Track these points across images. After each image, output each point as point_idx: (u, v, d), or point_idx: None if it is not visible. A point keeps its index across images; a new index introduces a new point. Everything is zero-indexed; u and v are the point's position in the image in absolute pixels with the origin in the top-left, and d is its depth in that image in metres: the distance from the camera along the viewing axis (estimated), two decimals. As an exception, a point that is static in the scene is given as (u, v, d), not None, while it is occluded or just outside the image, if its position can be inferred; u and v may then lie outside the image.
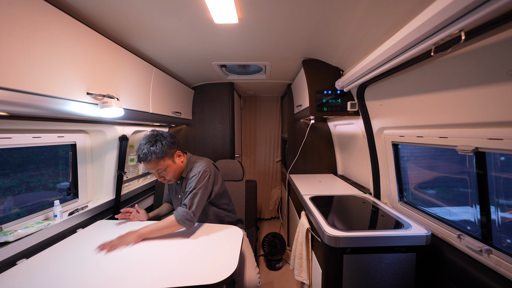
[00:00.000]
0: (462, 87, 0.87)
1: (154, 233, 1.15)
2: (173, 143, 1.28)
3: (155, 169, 1.24)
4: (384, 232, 1.11)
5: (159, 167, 1.24)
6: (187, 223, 1.17)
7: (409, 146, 1.38)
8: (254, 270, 1.31)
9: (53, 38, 0.85)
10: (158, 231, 1.15)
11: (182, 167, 1.35)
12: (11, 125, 1.00)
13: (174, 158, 1.29)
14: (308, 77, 1.72)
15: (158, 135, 1.26)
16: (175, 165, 1.30)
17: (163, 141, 1.24)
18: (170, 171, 1.28)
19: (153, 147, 1.21)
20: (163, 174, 1.28)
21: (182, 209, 1.18)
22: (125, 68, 1.31)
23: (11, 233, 1.03)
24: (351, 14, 1.04)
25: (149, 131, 1.29)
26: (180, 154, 1.34)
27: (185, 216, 1.17)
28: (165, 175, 1.28)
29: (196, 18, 1.12)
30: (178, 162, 1.31)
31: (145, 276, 0.88)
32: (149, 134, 1.28)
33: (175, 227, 1.17)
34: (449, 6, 0.64)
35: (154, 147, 1.21)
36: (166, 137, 1.27)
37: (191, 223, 1.18)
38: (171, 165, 1.27)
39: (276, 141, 3.36)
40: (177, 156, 1.31)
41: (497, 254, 0.87)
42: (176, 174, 1.32)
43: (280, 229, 2.99)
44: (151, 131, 1.29)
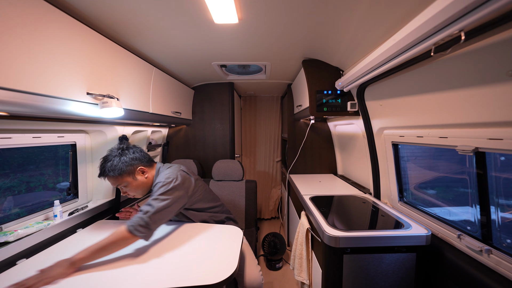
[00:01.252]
0: (462, 87, 0.87)
1: (96, 255, 0.93)
2: (133, 159, 1.20)
3: (115, 185, 1.20)
4: (384, 232, 1.11)
5: (117, 183, 1.19)
6: (140, 230, 1.00)
7: (409, 146, 1.38)
8: (255, 268, 1.31)
9: (53, 38, 0.85)
10: (101, 251, 0.94)
11: (147, 182, 1.25)
12: (11, 125, 1.00)
13: (134, 174, 1.20)
14: (308, 77, 1.72)
15: (118, 150, 1.20)
16: (136, 182, 1.21)
17: (122, 157, 1.17)
18: (132, 187, 1.21)
19: (109, 162, 1.15)
20: (124, 190, 1.22)
21: (136, 215, 1.04)
22: (125, 68, 1.31)
23: (11, 233, 1.03)
24: (351, 14, 1.04)
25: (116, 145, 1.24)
26: (144, 170, 1.24)
27: (138, 222, 1.01)
28: (127, 191, 1.22)
29: (196, 18, 1.12)
30: (140, 178, 1.22)
31: (145, 276, 0.88)
32: (114, 147, 1.23)
33: (125, 240, 0.98)
34: (449, 6, 0.64)
35: (110, 163, 1.15)
36: (126, 153, 1.20)
37: (147, 230, 1.02)
38: (130, 182, 1.20)
39: (276, 141, 3.36)
40: (139, 173, 1.22)
41: (497, 254, 0.87)
42: (139, 190, 1.24)
43: (280, 229, 2.99)
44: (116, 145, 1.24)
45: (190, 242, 1.13)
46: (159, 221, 1.07)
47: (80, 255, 0.91)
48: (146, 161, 1.27)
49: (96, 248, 0.93)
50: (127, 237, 0.99)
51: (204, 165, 2.52)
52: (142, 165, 1.24)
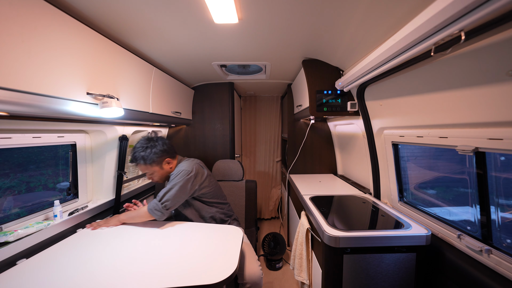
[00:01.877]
0: (462, 87, 0.87)
1: (130, 220, 1.31)
2: (163, 151, 1.38)
3: (143, 172, 1.41)
4: (384, 232, 1.11)
5: (146, 171, 1.39)
6: (155, 213, 1.27)
7: (409, 146, 1.38)
8: (255, 262, 1.32)
9: (53, 38, 0.85)
10: (132, 219, 1.31)
11: (169, 172, 1.44)
12: (11, 125, 1.00)
13: (162, 164, 1.39)
14: (308, 77, 1.72)
15: (151, 141, 1.37)
16: (162, 171, 1.41)
17: (153, 149, 1.35)
18: (157, 175, 1.41)
19: (143, 152, 1.34)
20: (150, 176, 1.41)
21: (153, 200, 1.30)
22: (125, 68, 1.31)
23: (11, 233, 1.03)
24: (351, 14, 1.04)
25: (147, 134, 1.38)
26: (170, 161, 1.43)
27: (154, 206, 1.27)
28: (152, 177, 1.42)
29: (196, 18, 1.12)
30: (166, 168, 1.42)
31: (145, 276, 0.88)
32: (145, 137, 1.40)
33: (145, 216, 1.29)
34: (449, 6, 0.64)
35: (144, 152, 1.34)
36: (157, 145, 1.37)
37: (160, 213, 1.27)
38: (157, 171, 1.39)
39: (276, 141, 3.36)
40: (165, 163, 1.41)
41: (497, 254, 0.87)
42: (162, 177, 1.44)
43: (280, 229, 2.99)
44: (148, 135, 1.39)
45: (190, 242, 1.13)
46: (170, 205, 1.29)
47: (123, 216, 1.32)
48: (172, 153, 1.46)
49: (130, 216, 1.32)
50: (147, 216, 1.29)
51: (204, 165, 2.51)
52: (169, 156, 1.42)
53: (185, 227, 1.30)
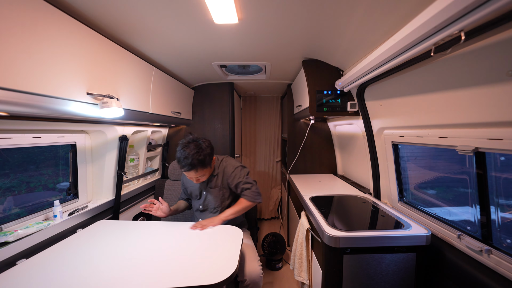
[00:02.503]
0: (462, 87, 0.87)
1: (232, 216, 1.38)
2: (212, 151, 1.39)
3: (197, 176, 1.34)
4: (384, 232, 1.11)
5: (202, 174, 1.35)
6: (258, 198, 1.43)
7: (409, 146, 1.38)
8: (256, 261, 1.32)
9: (53, 38, 0.85)
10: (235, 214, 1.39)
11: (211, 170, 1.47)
12: (11, 125, 1.00)
13: (210, 165, 1.40)
14: (308, 77, 1.72)
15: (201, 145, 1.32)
16: (210, 170, 1.43)
17: (206, 151, 1.32)
18: (206, 175, 1.40)
19: (201, 157, 1.28)
20: (199, 178, 1.37)
21: (248, 191, 1.42)
22: (125, 68, 1.30)
23: (11, 233, 1.03)
24: (351, 14, 1.04)
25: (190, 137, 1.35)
26: (214, 160, 1.45)
27: (254, 194, 1.42)
28: (201, 178, 1.38)
29: (196, 18, 1.12)
30: (212, 166, 1.45)
31: (145, 277, 0.88)
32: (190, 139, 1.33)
33: (250, 206, 1.43)
34: (449, 6, 0.64)
35: (202, 157, 1.28)
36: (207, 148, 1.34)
37: (259, 196, 1.44)
38: (208, 171, 1.40)
39: (276, 141, 3.36)
40: (212, 162, 1.42)
41: (497, 254, 0.87)
42: (208, 175, 1.44)
43: (280, 229, 2.98)
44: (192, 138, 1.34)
45: (190, 242, 1.13)
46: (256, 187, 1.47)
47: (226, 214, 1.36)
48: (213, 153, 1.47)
49: (233, 212, 1.38)
50: (251, 205, 1.43)
51: (204, 165, 2.51)
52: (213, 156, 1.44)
53: (185, 227, 1.30)
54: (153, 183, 2.13)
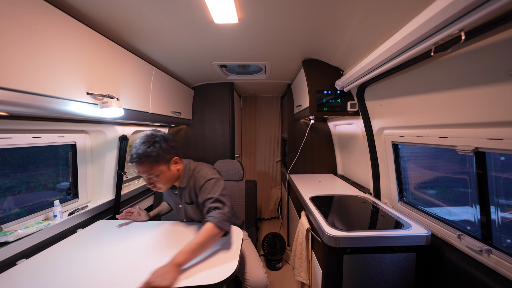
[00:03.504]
0: (462, 87, 0.87)
1: (196, 254, 0.97)
2: (172, 147, 1.16)
3: (147, 174, 1.11)
4: (384, 232, 1.11)
5: (151, 172, 1.10)
6: (226, 225, 1.07)
7: (409, 146, 1.38)
8: (261, 269, 1.30)
9: (53, 38, 0.85)
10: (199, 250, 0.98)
11: (176, 175, 1.21)
12: (11, 125, 1.00)
13: (170, 164, 1.16)
14: (308, 77, 1.72)
15: (157, 136, 1.14)
16: (169, 172, 1.16)
17: (162, 144, 1.12)
18: (163, 178, 1.14)
19: (149, 148, 1.08)
20: (154, 180, 1.14)
21: (217, 211, 1.07)
22: (125, 68, 1.30)
23: (11, 233, 1.03)
24: (351, 14, 1.04)
25: (149, 130, 1.19)
26: (178, 161, 1.21)
27: (223, 218, 1.06)
28: (156, 181, 1.14)
29: (196, 18, 1.12)
30: (173, 169, 1.18)
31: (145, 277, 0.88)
32: (148, 133, 1.16)
33: (218, 236, 1.05)
34: (449, 6, 0.64)
35: (150, 148, 1.08)
36: (166, 140, 1.15)
37: (228, 223, 1.09)
38: (165, 172, 1.14)
39: (276, 141, 3.36)
40: (173, 163, 1.18)
41: (497, 254, 0.87)
42: (168, 182, 1.18)
43: (280, 229, 2.99)
44: (151, 131, 1.18)
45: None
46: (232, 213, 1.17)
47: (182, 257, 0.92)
48: (180, 152, 1.24)
49: (195, 249, 0.96)
50: (218, 233, 1.05)
51: (204, 165, 2.51)
52: (178, 155, 1.21)
53: (185, 227, 1.30)
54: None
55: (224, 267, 0.93)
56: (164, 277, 0.83)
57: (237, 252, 1.03)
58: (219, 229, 1.04)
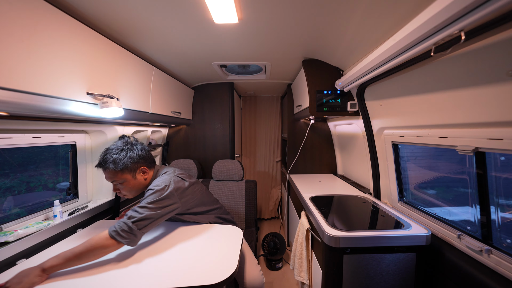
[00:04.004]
0: (462, 87, 0.87)
1: (70, 263, 0.86)
2: (140, 157, 1.16)
3: (111, 180, 1.12)
4: (384, 232, 1.11)
5: (114, 179, 1.11)
6: (123, 235, 0.93)
7: (409, 146, 1.38)
8: (256, 268, 1.31)
9: (53, 38, 0.85)
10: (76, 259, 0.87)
11: (144, 184, 1.20)
12: (11, 125, 1.00)
13: (135, 173, 1.15)
14: (308, 77, 1.72)
15: (127, 144, 1.16)
16: (134, 181, 1.16)
17: (129, 153, 1.13)
18: (127, 186, 1.14)
19: (115, 155, 1.10)
20: (118, 187, 1.14)
21: (120, 220, 0.98)
22: (125, 68, 1.31)
23: (11, 233, 1.03)
24: (351, 14, 1.04)
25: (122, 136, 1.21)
26: (146, 171, 1.19)
27: (121, 227, 0.94)
28: (120, 188, 1.15)
29: (196, 18, 1.12)
30: (139, 178, 1.17)
31: (145, 276, 0.88)
32: (122, 140, 1.19)
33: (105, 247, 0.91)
34: (449, 6, 0.64)
35: (117, 155, 1.10)
36: (133, 149, 1.15)
37: (131, 235, 0.95)
38: (129, 180, 1.14)
39: (276, 141, 3.36)
40: (140, 172, 1.17)
41: (497, 254, 0.87)
42: (133, 190, 1.18)
43: (280, 229, 2.99)
44: (123, 137, 1.20)
45: (190, 242, 1.13)
46: (144, 228, 1.01)
47: (52, 262, 0.84)
48: (150, 162, 1.23)
49: (70, 256, 0.85)
50: (108, 245, 0.91)
51: (204, 165, 2.52)
52: (146, 165, 1.20)
53: (185, 226, 1.30)
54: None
55: (224, 267, 0.93)
56: (22, 279, 0.78)
57: (237, 252, 1.03)
58: (112, 240, 0.92)
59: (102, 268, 0.93)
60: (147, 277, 0.88)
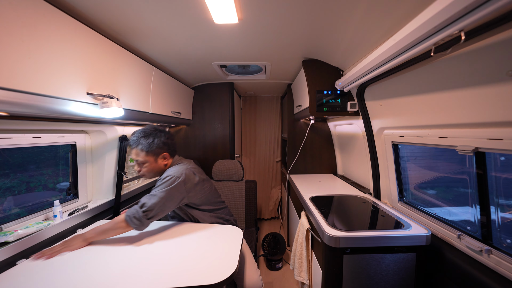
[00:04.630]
0: (462, 87, 0.87)
1: (102, 235, 1.09)
2: (164, 144, 1.27)
3: (135, 159, 1.26)
4: (384, 232, 1.11)
5: (138, 158, 1.25)
6: (134, 222, 1.09)
7: (409, 146, 1.38)
8: (255, 272, 1.31)
9: (53, 38, 0.85)
10: (104, 233, 1.09)
11: (162, 169, 1.31)
12: (11, 125, 1.00)
13: (157, 157, 1.27)
14: (308, 77, 1.72)
15: (155, 131, 1.27)
16: (155, 164, 1.27)
17: (155, 139, 1.24)
18: (148, 167, 1.26)
19: (143, 138, 1.23)
20: (140, 167, 1.28)
21: (135, 206, 1.13)
22: (125, 68, 1.30)
23: (11, 233, 1.02)
24: (351, 14, 1.04)
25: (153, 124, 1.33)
26: (167, 157, 1.30)
27: (134, 213, 1.10)
28: (141, 167, 1.28)
29: (196, 18, 1.12)
30: (160, 163, 1.28)
31: (145, 276, 0.88)
32: (150, 126, 1.31)
33: (122, 228, 1.10)
34: (449, 6, 0.64)
35: (145, 138, 1.23)
36: (161, 136, 1.27)
37: (139, 223, 1.10)
38: (150, 162, 1.26)
39: (276, 141, 3.36)
40: (161, 158, 1.28)
41: (497, 254, 0.87)
42: (152, 172, 1.29)
43: (280, 229, 2.99)
44: (154, 125, 1.33)
45: (190, 242, 1.13)
46: (152, 218, 1.13)
47: (90, 234, 1.09)
48: (172, 150, 1.34)
49: (100, 231, 1.10)
50: (123, 226, 1.11)
51: (204, 165, 2.51)
52: (168, 152, 1.31)
53: (185, 226, 1.30)
54: (153, 183, 2.13)
55: (224, 267, 0.93)
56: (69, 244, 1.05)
57: (237, 252, 1.03)
58: (126, 224, 1.10)
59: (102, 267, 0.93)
60: (147, 276, 0.88)
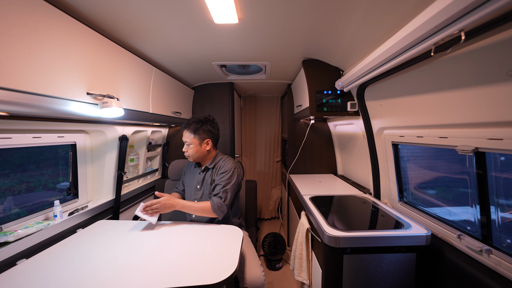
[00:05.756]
0: (462, 87, 0.87)
1: (188, 209, 1.33)
2: (210, 131, 1.49)
3: (184, 139, 1.48)
4: (384, 232, 1.11)
5: (187, 139, 1.46)
6: (219, 213, 1.33)
7: (409, 146, 1.38)
8: (258, 267, 1.31)
9: (53, 38, 0.85)
10: (191, 209, 1.33)
11: (204, 155, 1.50)
12: (11, 125, 1.00)
13: (202, 142, 1.47)
14: (308, 77, 1.72)
15: (207, 120, 1.50)
16: (199, 147, 1.47)
17: (205, 126, 1.47)
18: (193, 149, 1.46)
19: (195, 122, 1.46)
20: (187, 147, 1.48)
21: (219, 200, 1.34)
22: (125, 68, 1.31)
23: (11, 233, 1.03)
24: (351, 14, 1.04)
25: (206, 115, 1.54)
26: (209, 144, 1.50)
27: (220, 207, 1.33)
28: (187, 149, 1.48)
29: (196, 18, 1.12)
30: (203, 147, 1.48)
31: (145, 276, 0.88)
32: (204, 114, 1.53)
33: (208, 213, 1.33)
34: (449, 6, 0.64)
35: (195, 123, 1.46)
36: (209, 125, 1.49)
37: (223, 214, 1.34)
38: (195, 145, 1.46)
39: (276, 141, 3.36)
40: (205, 143, 1.48)
41: (497, 254, 0.87)
42: (196, 155, 1.48)
43: (280, 229, 2.99)
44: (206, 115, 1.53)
45: (190, 242, 1.13)
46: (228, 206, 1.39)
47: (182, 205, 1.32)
48: (215, 139, 1.55)
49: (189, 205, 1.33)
50: (210, 212, 1.33)
51: (204, 165, 2.51)
52: (212, 140, 1.51)
53: (185, 226, 1.30)
54: (153, 183, 2.13)
55: (224, 267, 0.93)
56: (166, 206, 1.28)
57: (237, 252, 1.04)
58: (211, 212, 1.32)
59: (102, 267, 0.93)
60: (148, 276, 0.88)
